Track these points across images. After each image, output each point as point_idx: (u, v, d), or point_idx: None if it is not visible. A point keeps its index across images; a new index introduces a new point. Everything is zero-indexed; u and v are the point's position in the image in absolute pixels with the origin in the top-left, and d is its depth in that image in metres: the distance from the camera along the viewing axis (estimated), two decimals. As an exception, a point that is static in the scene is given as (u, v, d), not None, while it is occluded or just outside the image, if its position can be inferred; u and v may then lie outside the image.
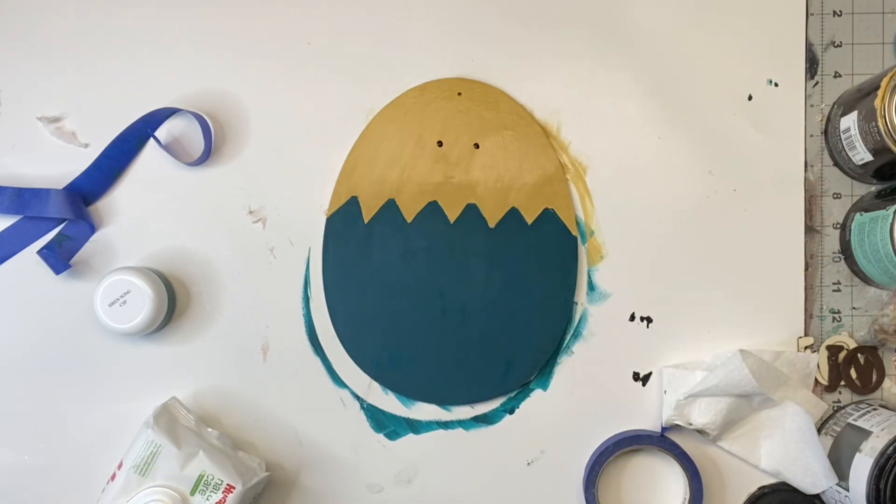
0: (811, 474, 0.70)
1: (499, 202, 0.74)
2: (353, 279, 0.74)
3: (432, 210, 0.74)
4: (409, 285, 0.74)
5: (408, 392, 0.74)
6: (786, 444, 0.71)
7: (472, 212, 0.74)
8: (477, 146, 0.74)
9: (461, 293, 0.74)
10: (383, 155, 0.74)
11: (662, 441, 0.72)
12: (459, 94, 0.74)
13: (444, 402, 0.75)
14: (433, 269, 0.74)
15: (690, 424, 0.72)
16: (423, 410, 0.75)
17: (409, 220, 0.74)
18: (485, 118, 0.74)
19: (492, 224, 0.74)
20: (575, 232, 0.74)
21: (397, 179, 0.74)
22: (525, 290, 0.74)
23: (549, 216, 0.74)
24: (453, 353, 0.74)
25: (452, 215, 0.74)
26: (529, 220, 0.74)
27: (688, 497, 0.72)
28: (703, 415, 0.71)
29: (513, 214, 0.74)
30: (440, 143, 0.74)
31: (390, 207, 0.74)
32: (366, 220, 0.74)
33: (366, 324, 0.74)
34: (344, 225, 0.74)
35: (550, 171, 0.74)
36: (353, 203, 0.74)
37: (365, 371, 0.74)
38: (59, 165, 0.75)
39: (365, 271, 0.74)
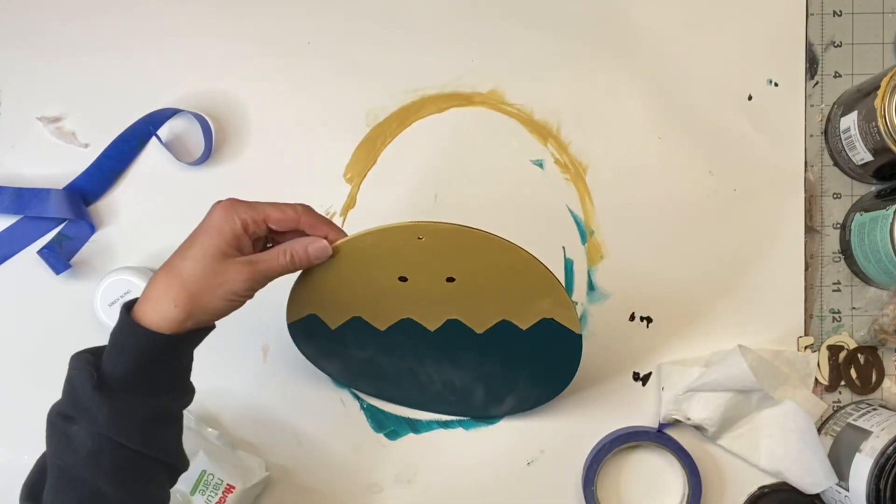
0: (811, 474, 0.69)
1: (486, 317, 0.65)
2: (335, 363, 0.72)
3: (407, 324, 0.66)
4: (390, 371, 0.71)
5: (397, 401, 0.75)
6: (786, 444, 0.71)
7: (454, 324, 0.66)
8: (451, 280, 0.62)
9: (449, 376, 0.70)
10: (340, 283, 0.63)
11: (660, 437, 0.72)
12: (420, 238, 0.60)
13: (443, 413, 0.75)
14: (416, 360, 0.70)
15: (688, 419, 0.72)
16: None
17: (382, 329, 0.67)
18: (457, 258, 0.61)
19: (479, 331, 0.66)
20: (578, 329, 0.65)
21: (361, 301, 0.65)
22: (520, 376, 0.70)
23: (547, 323, 0.65)
24: (445, 406, 0.74)
25: (432, 327, 0.66)
26: (524, 327, 0.65)
27: (687, 493, 0.72)
28: (701, 410, 0.71)
29: (503, 325, 0.65)
30: (403, 279, 0.63)
31: (357, 322, 0.66)
32: (332, 328, 0.67)
33: (349, 381, 0.74)
34: (309, 331, 0.68)
35: (546, 288, 0.62)
36: (312, 318, 0.67)
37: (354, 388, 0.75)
38: (59, 165, 0.75)
39: (346, 360, 0.71)
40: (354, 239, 0.60)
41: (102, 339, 0.74)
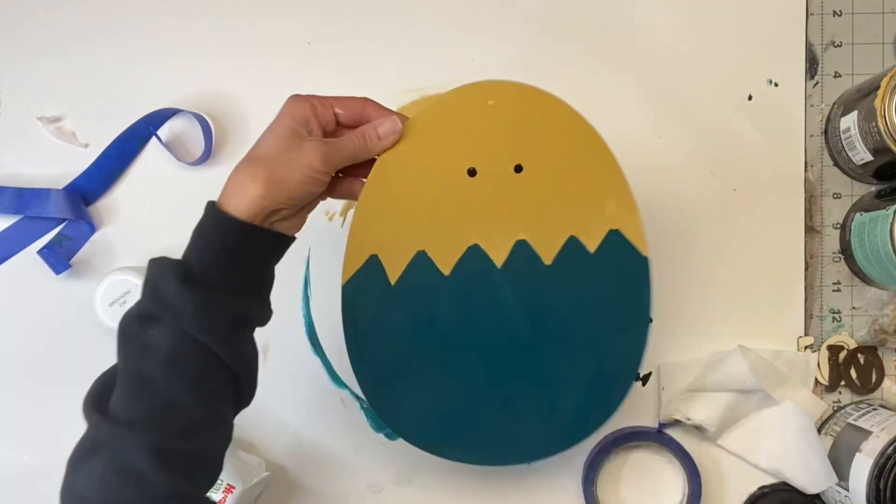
0: (811, 474, 0.69)
1: (554, 231, 0.62)
2: (384, 347, 0.63)
3: (474, 256, 0.62)
4: (454, 345, 0.63)
5: (467, 458, 0.66)
6: (786, 443, 0.71)
7: (522, 249, 0.62)
8: (519, 168, 0.61)
9: (517, 344, 0.63)
10: (402, 197, 0.61)
11: (660, 437, 0.72)
12: (491, 103, 0.61)
13: (514, 462, 0.69)
14: (482, 324, 0.62)
15: (689, 420, 0.72)
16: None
17: (446, 273, 0.62)
18: (525, 131, 0.61)
19: (548, 261, 0.62)
20: (645, 251, 0.62)
21: (424, 225, 0.61)
22: (592, 327, 0.63)
23: (614, 239, 0.62)
24: (513, 416, 0.64)
25: (499, 258, 0.62)
26: (592, 248, 0.62)
27: (687, 493, 0.72)
28: (701, 410, 0.71)
29: (572, 245, 0.62)
30: (472, 172, 0.61)
31: (421, 261, 0.62)
32: (392, 282, 0.62)
33: (408, 394, 0.64)
34: (366, 292, 0.62)
35: (612, 183, 0.62)
36: (373, 264, 0.62)
37: (414, 444, 0.66)
38: (59, 165, 0.75)
39: (399, 337, 0.63)
40: (426, 112, 0.61)
41: (102, 339, 0.74)
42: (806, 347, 0.74)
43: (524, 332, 0.63)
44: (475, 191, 0.61)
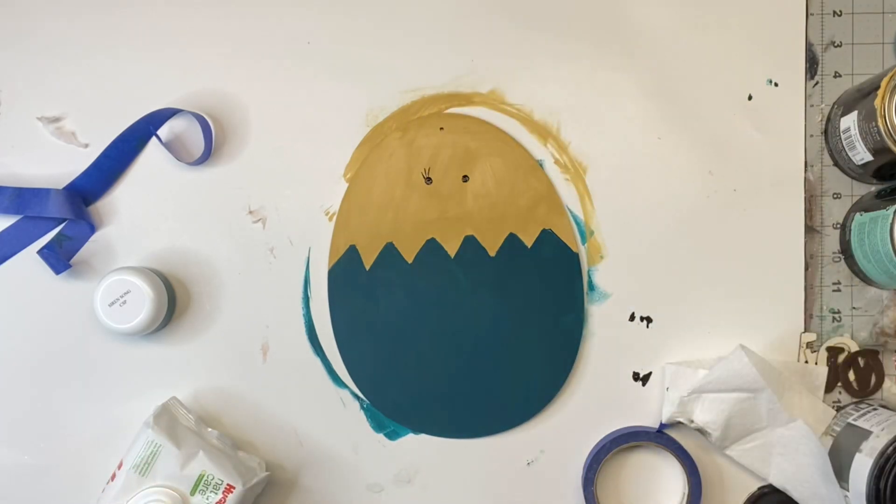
0: (819, 499, 0.69)
1: (496, 230, 0.74)
2: (363, 327, 0.74)
3: (431, 247, 0.74)
4: (419, 326, 0.74)
5: (434, 431, 0.74)
6: (797, 464, 0.70)
7: (471, 243, 0.74)
8: (466, 178, 0.74)
9: (473, 326, 0.74)
10: (375, 200, 0.74)
11: (660, 437, 0.72)
12: (441, 128, 0.74)
13: (472, 435, 0.75)
14: (441, 307, 0.74)
15: (692, 422, 0.71)
16: (423, 410, 0.75)
17: (409, 261, 0.74)
18: (470, 149, 0.74)
19: (492, 253, 0.74)
20: (575, 248, 0.74)
21: (392, 222, 0.74)
22: (534, 313, 0.74)
23: (547, 237, 0.74)
24: (474, 387, 0.74)
25: (452, 249, 0.74)
26: (529, 244, 0.74)
27: (687, 493, 0.72)
28: (704, 412, 0.71)
29: (511, 240, 0.74)
30: (429, 180, 0.74)
31: (390, 251, 0.74)
32: (367, 267, 0.74)
33: (383, 369, 0.74)
34: (346, 275, 0.74)
35: (543, 192, 0.74)
36: (352, 252, 0.74)
37: (388, 416, 0.74)
38: (59, 165, 0.75)
39: (374, 318, 0.74)
40: (393, 135, 0.74)
41: (103, 339, 0.74)
42: (808, 344, 0.74)
43: (477, 314, 0.74)
44: (431, 195, 0.74)
